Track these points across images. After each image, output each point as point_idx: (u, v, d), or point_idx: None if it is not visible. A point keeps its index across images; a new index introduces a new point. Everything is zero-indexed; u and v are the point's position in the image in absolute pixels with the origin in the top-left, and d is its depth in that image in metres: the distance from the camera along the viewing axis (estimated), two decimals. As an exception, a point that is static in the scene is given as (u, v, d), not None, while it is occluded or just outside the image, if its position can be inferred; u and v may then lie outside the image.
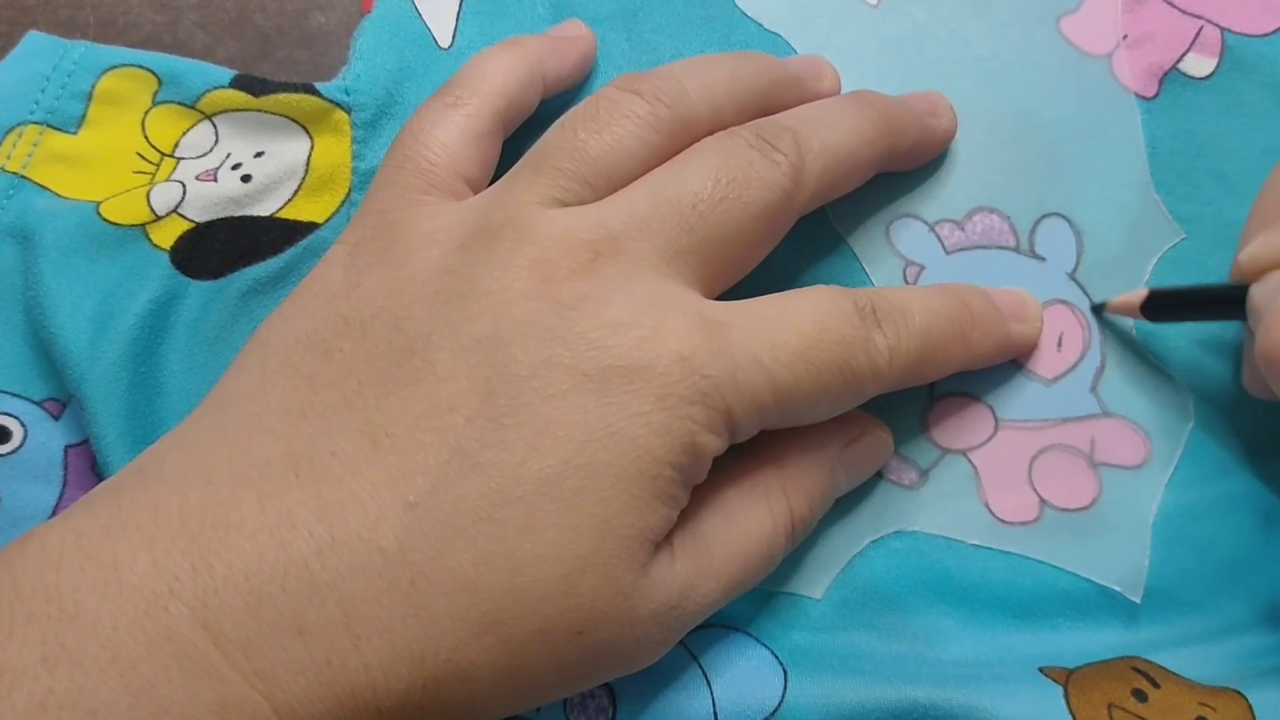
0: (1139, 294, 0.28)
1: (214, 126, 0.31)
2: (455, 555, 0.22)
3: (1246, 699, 0.25)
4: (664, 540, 0.24)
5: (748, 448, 0.26)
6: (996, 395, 0.29)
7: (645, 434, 0.22)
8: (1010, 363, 0.29)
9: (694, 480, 0.24)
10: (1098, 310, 0.29)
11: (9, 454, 0.28)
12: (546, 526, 0.22)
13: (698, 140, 0.26)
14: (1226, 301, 0.27)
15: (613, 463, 0.22)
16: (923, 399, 0.29)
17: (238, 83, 0.31)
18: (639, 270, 0.24)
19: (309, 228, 0.30)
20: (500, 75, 0.28)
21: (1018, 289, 0.29)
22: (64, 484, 0.29)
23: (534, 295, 0.23)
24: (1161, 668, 0.26)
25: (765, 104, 0.28)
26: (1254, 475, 0.28)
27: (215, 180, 0.30)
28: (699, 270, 0.25)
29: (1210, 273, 0.29)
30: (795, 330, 0.24)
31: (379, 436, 0.22)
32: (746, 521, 0.25)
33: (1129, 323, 0.29)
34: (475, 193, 0.27)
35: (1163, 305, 0.28)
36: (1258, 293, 0.25)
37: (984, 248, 0.30)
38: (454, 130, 0.27)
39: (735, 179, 0.25)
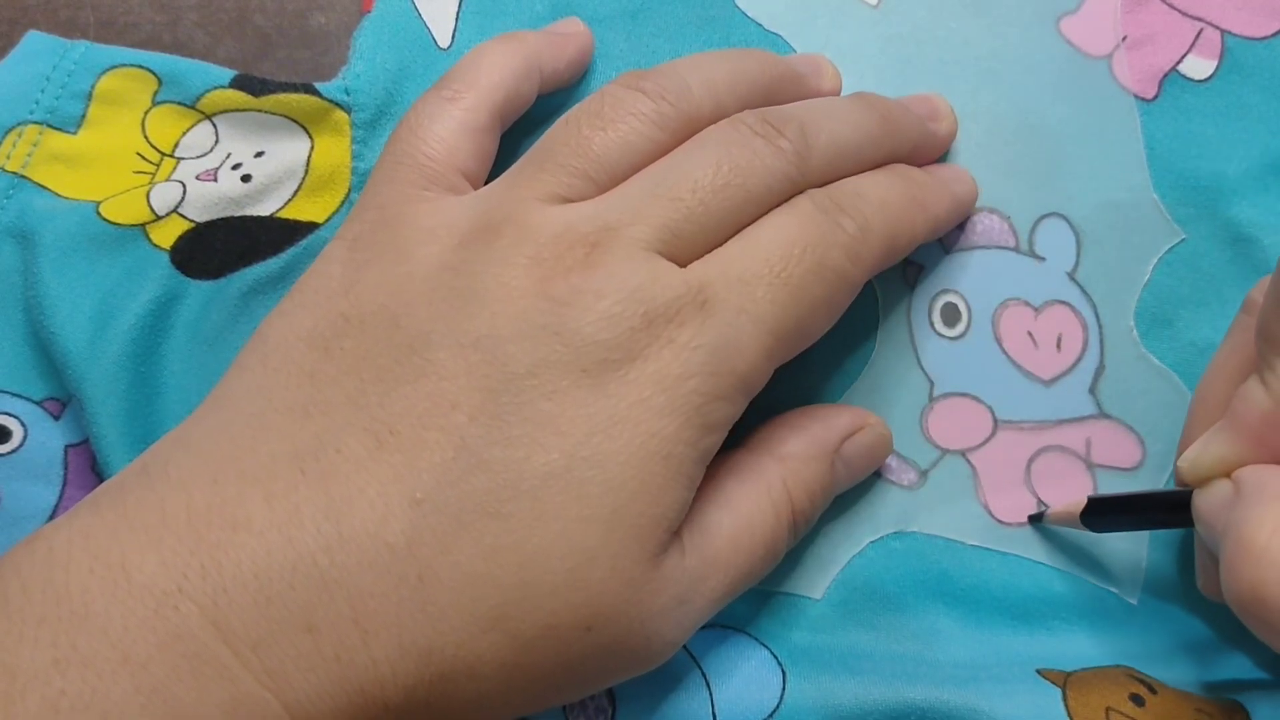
0: (1078, 503, 0.27)
1: (214, 126, 0.31)
2: (462, 550, 0.22)
3: (1246, 710, 0.25)
4: (673, 534, 0.23)
5: (747, 441, 0.26)
6: (995, 395, 0.29)
7: (650, 418, 0.22)
8: (1010, 363, 0.29)
9: (709, 453, 0.24)
10: (1035, 520, 0.28)
11: (9, 454, 0.28)
12: (554, 519, 0.22)
13: None
14: (1170, 507, 0.26)
15: (618, 451, 0.22)
16: (922, 399, 0.29)
17: (238, 83, 0.31)
18: (633, 254, 0.23)
19: (309, 228, 0.30)
20: (497, 69, 0.28)
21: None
22: (64, 484, 0.29)
23: (530, 293, 0.23)
24: (1158, 681, 0.26)
25: (767, 99, 0.28)
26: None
27: (215, 180, 0.30)
28: (699, 257, 0.24)
29: (1206, 274, 0.29)
30: (764, 259, 0.24)
31: (383, 434, 0.22)
32: (749, 514, 0.25)
33: (1129, 325, 0.29)
34: (474, 187, 0.27)
35: (1103, 512, 0.26)
36: (1203, 502, 0.24)
37: (984, 248, 0.30)
38: (451, 124, 0.27)
39: (738, 166, 0.25)
